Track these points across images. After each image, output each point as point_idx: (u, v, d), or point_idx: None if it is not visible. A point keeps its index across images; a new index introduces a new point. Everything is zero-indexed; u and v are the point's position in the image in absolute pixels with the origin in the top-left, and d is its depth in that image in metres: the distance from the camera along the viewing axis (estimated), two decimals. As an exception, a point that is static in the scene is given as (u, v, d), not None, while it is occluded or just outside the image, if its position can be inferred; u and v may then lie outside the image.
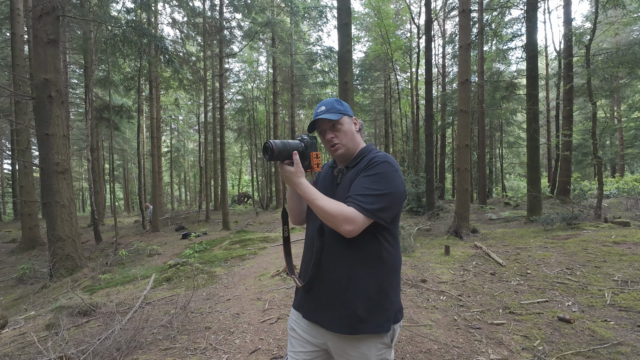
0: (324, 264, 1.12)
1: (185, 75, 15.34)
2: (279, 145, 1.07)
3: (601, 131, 10.64)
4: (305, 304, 1.19)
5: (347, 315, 1.07)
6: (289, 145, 1.10)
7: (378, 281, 1.09)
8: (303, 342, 1.20)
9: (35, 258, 8.92)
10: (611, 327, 2.50)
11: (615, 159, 21.11)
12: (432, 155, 11.15)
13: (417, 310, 3.12)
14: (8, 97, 13.12)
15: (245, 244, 8.07)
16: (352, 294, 1.07)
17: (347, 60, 6.14)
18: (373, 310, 1.07)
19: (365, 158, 1.17)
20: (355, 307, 1.06)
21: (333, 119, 1.18)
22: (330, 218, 1.01)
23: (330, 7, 16.37)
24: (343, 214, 1.01)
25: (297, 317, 1.24)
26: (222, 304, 3.63)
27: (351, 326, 1.06)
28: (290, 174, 1.08)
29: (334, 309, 1.09)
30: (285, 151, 1.09)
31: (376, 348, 1.08)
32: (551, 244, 5.03)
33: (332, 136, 1.20)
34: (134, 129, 21.73)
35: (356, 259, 1.09)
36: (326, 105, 1.21)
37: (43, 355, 2.37)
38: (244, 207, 22.09)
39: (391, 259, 1.13)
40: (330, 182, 1.25)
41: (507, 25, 13.11)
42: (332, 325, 1.09)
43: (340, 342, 1.10)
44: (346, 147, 1.20)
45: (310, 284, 1.16)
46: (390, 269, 1.13)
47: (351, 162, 1.21)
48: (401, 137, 23.41)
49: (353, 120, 1.26)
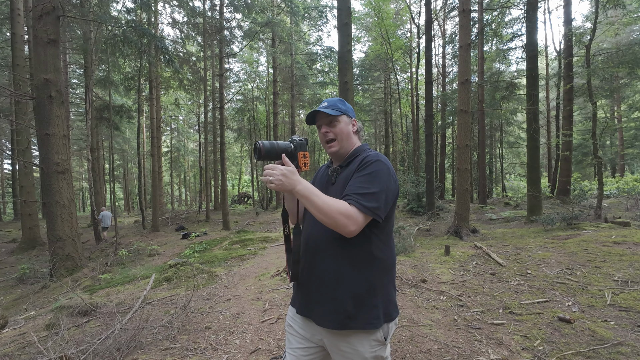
0: (313, 261, 1.15)
1: (185, 75, 15.35)
2: (266, 146, 1.12)
3: (601, 131, 10.60)
4: (298, 299, 1.22)
5: (335, 311, 1.08)
6: (277, 145, 1.14)
7: (368, 279, 1.10)
8: (300, 339, 1.22)
9: (36, 258, 8.92)
10: (611, 327, 2.50)
11: (615, 159, 21.10)
12: (432, 155, 11.14)
13: (417, 310, 3.12)
14: (8, 97, 13.12)
15: (245, 244, 8.07)
16: (340, 290, 1.09)
17: (347, 60, 6.14)
18: (362, 307, 1.08)
19: (359, 157, 1.19)
20: (344, 303, 1.08)
21: (331, 114, 1.21)
22: (329, 217, 1.00)
23: (330, 7, 16.38)
24: (343, 213, 1.00)
25: (293, 313, 1.27)
26: (222, 304, 3.63)
27: (340, 321, 1.07)
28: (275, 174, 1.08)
29: (323, 305, 1.11)
30: (273, 151, 1.13)
31: (369, 345, 1.09)
32: (551, 244, 5.03)
33: (327, 131, 1.23)
34: (134, 129, 21.74)
35: (345, 256, 1.10)
36: (329, 102, 1.25)
37: (43, 355, 2.37)
38: (244, 207, 22.09)
39: (383, 257, 1.13)
40: (326, 181, 1.27)
41: (507, 25, 13.11)
42: (322, 320, 1.11)
43: (332, 338, 1.12)
44: (340, 145, 1.23)
45: (294, 279, 1.20)
46: (382, 266, 1.13)
47: (345, 162, 1.24)
48: (401, 137, 23.41)
49: (352, 121, 1.28)
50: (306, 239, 1.20)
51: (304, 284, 1.19)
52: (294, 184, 1.02)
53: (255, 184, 26.62)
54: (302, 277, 1.20)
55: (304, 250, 1.21)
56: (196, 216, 15.98)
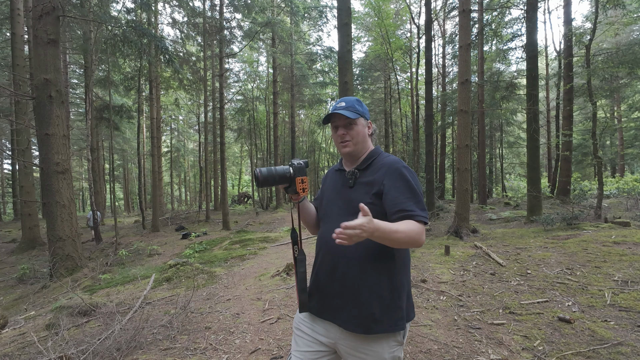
0: (336, 264, 1.14)
1: (185, 75, 15.34)
2: (264, 173, 1.14)
3: (601, 131, 10.63)
4: (317, 302, 1.20)
5: (362, 315, 1.08)
6: (275, 171, 1.16)
7: (391, 279, 1.11)
8: (310, 342, 1.20)
9: (35, 258, 8.92)
10: (611, 327, 2.50)
11: (615, 159, 21.10)
12: (432, 155, 11.14)
13: (417, 310, 3.12)
14: (8, 97, 13.12)
15: (245, 244, 8.07)
16: (365, 293, 1.09)
17: (347, 60, 6.14)
18: (387, 309, 1.09)
19: (378, 162, 1.20)
20: (370, 306, 1.08)
21: (350, 117, 1.19)
22: (411, 242, 1.02)
23: (330, 7, 16.38)
24: (418, 233, 1.03)
25: (305, 316, 1.24)
26: (222, 304, 3.63)
27: (366, 326, 1.07)
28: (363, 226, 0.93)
29: (348, 309, 1.11)
30: (270, 177, 1.15)
31: (389, 346, 1.10)
32: (551, 244, 5.03)
33: (344, 133, 1.22)
34: (134, 129, 21.73)
35: (368, 258, 1.10)
36: (346, 102, 1.23)
37: (43, 355, 2.36)
38: (244, 207, 22.08)
39: (401, 256, 1.15)
40: (341, 184, 1.26)
41: (507, 25, 13.11)
42: (348, 325, 1.10)
43: (354, 342, 1.11)
44: (355, 147, 1.22)
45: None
46: (401, 265, 1.14)
47: (362, 164, 1.23)
48: (401, 137, 23.42)
49: (368, 124, 1.28)
50: (327, 241, 1.16)
51: (324, 287, 1.18)
52: (372, 230, 0.93)
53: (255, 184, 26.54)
54: (323, 279, 1.19)
55: (325, 252, 1.19)
56: (196, 216, 15.97)
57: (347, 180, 1.23)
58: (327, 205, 1.28)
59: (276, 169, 1.16)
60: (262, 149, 24.17)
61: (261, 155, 24.42)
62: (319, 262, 1.23)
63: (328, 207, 1.28)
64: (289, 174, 1.16)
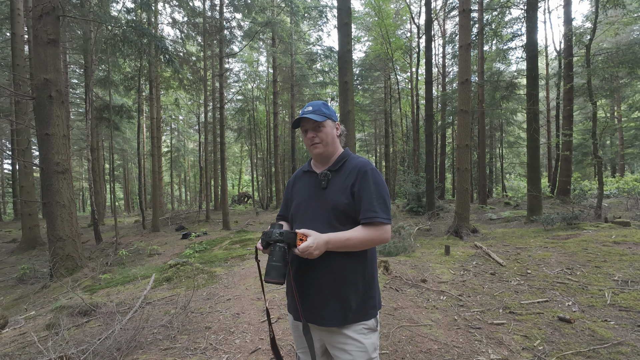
0: (314, 263, 1.16)
1: (185, 75, 15.34)
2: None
3: (601, 131, 10.58)
4: (295, 306, 1.21)
5: (341, 308, 1.16)
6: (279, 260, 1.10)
7: (364, 273, 1.21)
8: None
9: (36, 258, 8.91)
10: (611, 327, 2.50)
11: (615, 158, 21.09)
12: (432, 155, 11.14)
13: (417, 310, 3.12)
14: (8, 97, 13.12)
15: (245, 244, 8.07)
16: (346, 288, 1.17)
17: (347, 60, 6.14)
18: (361, 300, 1.18)
19: (349, 163, 1.26)
20: (349, 299, 1.16)
21: (317, 120, 1.24)
22: (369, 243, 1.15)
23: (330, 7, 16.37)
24: (380, 234, 1.14)
25: (292, 319, 1.31)
26: (222, 304, 3.63)
27: (344, 317, 1.16)
28: (310, 247, 1.06)
29: (329, 306, 1.16)
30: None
31: (364, 333, 1.18)
32: (551, 244, 5.03)
33: (313, 135, 1.26)
34: (134, 129, 21.73)
35: (348, 257, 1.17)
36: (313, 106, 1.27)
37: (43, 355, 2.36)
38: (244, 207, 22.09)
39: (372, 251, 1.25)
40: (313, 186, 1.29)
41: (507, 25, 13.09)
42: (327, 321, 1.16)
43: (331, 335, 1.19)
44: (326, 148, 1.27)
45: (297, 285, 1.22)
46: (372, 258, 1.25)
47: (334, 166, 1.28)
48: (401, 137, 23.41)
49: (335, 125, 1.32)
50: None
51: (306, 289, 1.19)
52: (323, 244, 1.09)
53: (255, 184, 26.61)
54: (303, 281, 1.20)
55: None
56: (196, 216, 15.97)
57: (320, 181, 1.26)
58: (300, 206, 1.30)
59: (275, 259, 1.08)
60: (262, 149, 24.18)
61: (261, 155, 24.42)
62: (296, 264, 1.21)
63: (301, 208, 1.29)
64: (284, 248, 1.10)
